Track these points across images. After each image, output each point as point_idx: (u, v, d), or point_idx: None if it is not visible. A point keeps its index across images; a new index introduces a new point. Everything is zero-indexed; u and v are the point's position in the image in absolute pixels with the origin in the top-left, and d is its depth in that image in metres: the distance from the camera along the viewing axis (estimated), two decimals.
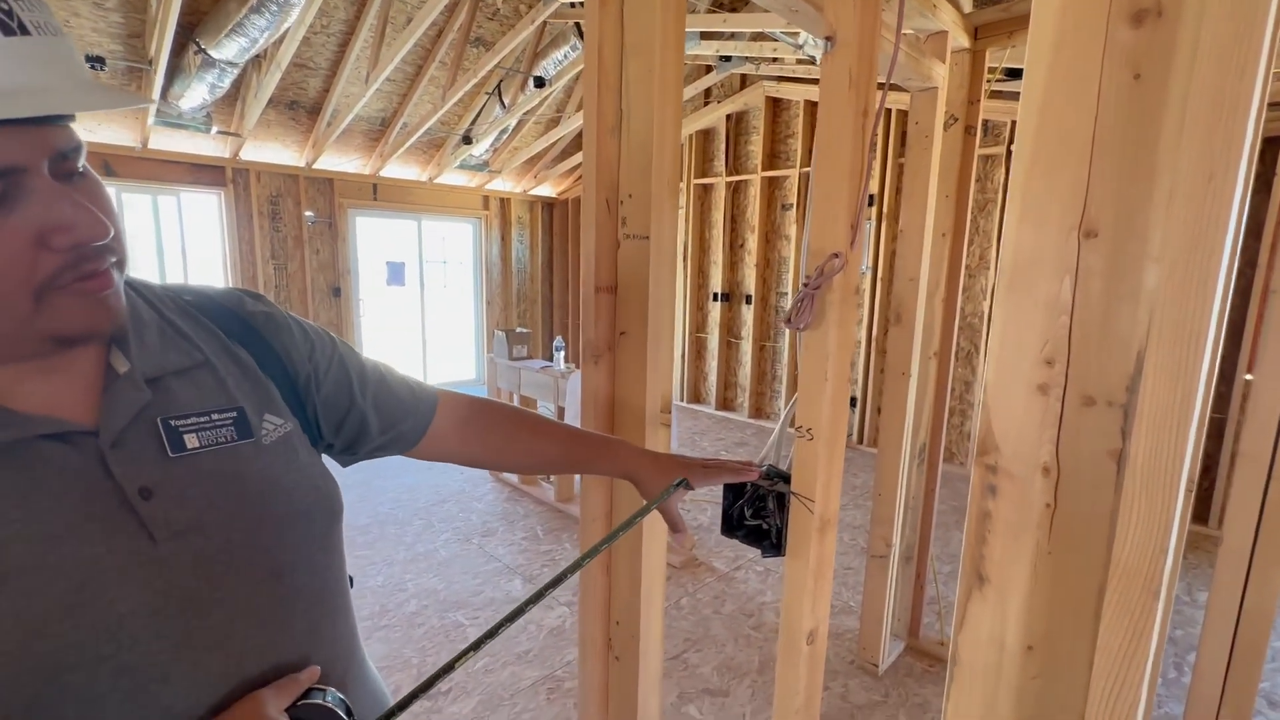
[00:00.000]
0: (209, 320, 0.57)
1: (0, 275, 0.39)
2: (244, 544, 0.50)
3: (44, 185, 0.40)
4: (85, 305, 0.43)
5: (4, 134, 0.37)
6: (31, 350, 0.44)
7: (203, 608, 0.47)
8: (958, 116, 1.94)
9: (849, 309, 0.73)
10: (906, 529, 2.19)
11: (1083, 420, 0.55)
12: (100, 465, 0.45)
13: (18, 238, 0.39)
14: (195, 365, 0.53)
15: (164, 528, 0.46)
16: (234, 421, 0.52)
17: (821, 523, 0.76)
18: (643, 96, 0.94)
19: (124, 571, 0.43)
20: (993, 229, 4.08)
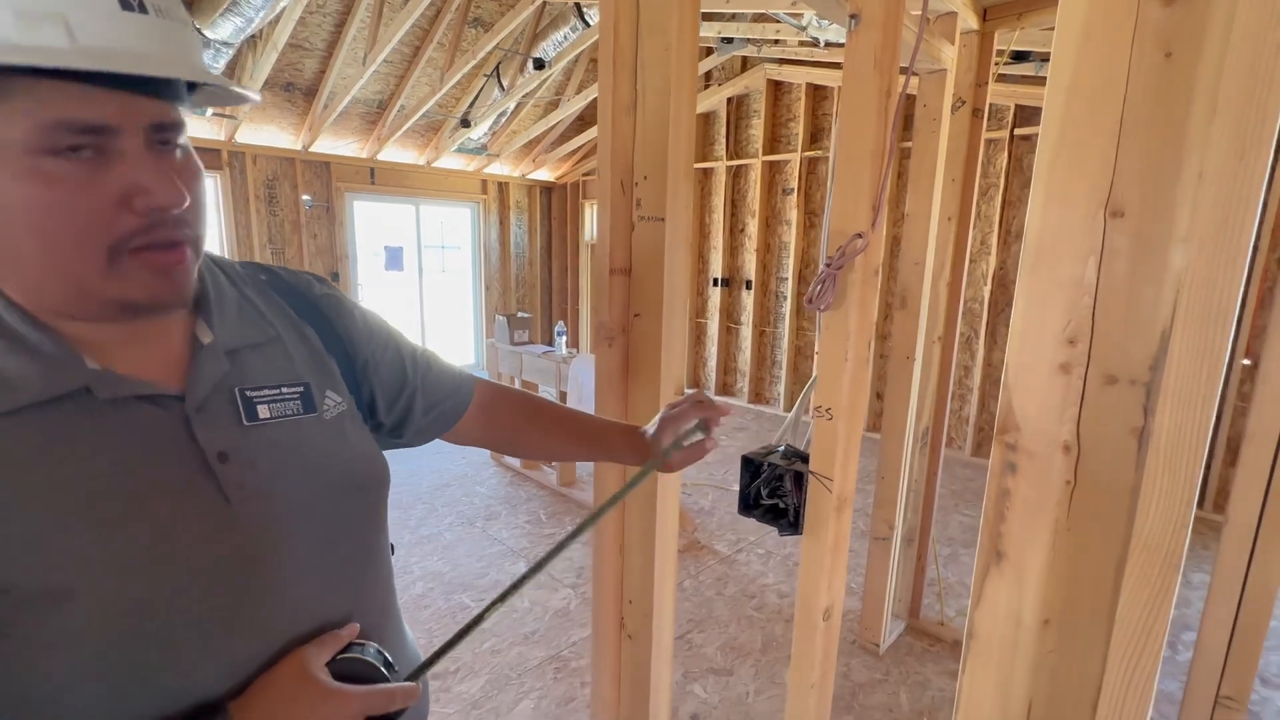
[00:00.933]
0: (280, 299, 0.61)
1: (81, 226, 0.42)
2: (304, 510, 0.53)
3: (134, 149, 0.42)
4: (153, 276, 0.45)
5: (105, 95, 0.40)
6: (98, 312, 0.46)
7: (265, 567, 0.50)
8: (965, 99, 1.93)
9: (869, 290, 0.73)
10: (908, 511, 2.21)
11: (1104, 398, 0.56)
12: (185, 428, 0.48)
13: (103, 193, 0.42)
14: (268, 341, 0.56)
15: (237, 490, 0.49)
16: (300, 396, 0.56)
17: (839, 501, 0.77)
18: (659, 76, 0.93)
19: (200, 530, 0.46)
20: (994, 214, 4.07)
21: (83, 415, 0.44)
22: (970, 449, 4.35)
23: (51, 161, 0.40)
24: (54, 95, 0.39)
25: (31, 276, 0.43)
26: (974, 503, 3.60)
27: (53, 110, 0.39)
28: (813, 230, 5.13)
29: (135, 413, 0.46)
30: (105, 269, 0.43)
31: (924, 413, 2.13)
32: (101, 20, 0.39)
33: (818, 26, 3.41)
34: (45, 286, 0.44)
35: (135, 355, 0.48)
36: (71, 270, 0.43)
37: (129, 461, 0.45)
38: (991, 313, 4.19)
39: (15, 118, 0.39)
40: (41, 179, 0.40)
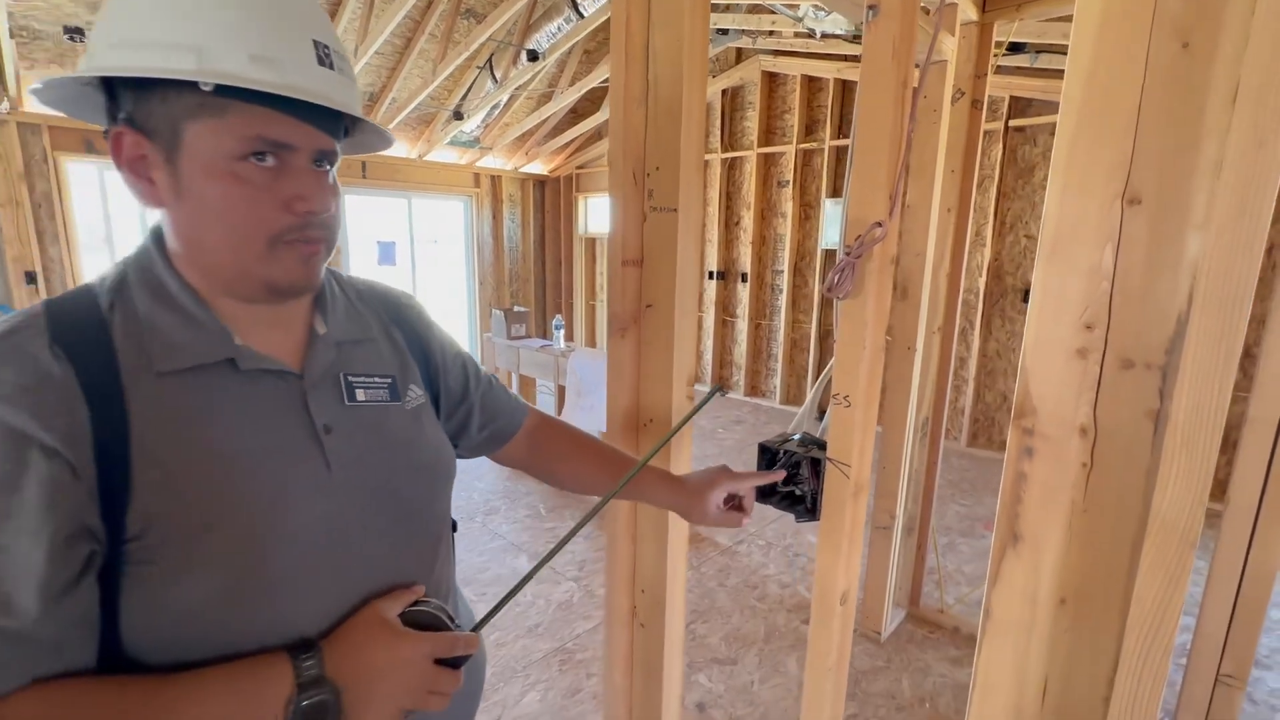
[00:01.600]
0: (377, 306, 0.72)
1: (253, 219, 0.52)
2: (387, 482, 0.62)
3: (302, 167, 0.54)
4: (297, 262, 0.56)
5: (292, 122, 0.52)
6: (251, 291, 0.56)
7: (352, 529, 0.58)
8: (964, 90, 1.95)
9: (886, 279, 0.74)
10: (909, 501, 2.24)
11: (1121, 382, 0.57)
12: (301, 401, 0.58)
13: (275, 195, 0.53)
14: (366, 338, 0.67)
15: (337, 459, 0.58)
16: (388, 386, 0.66)
17: (856, 487, 0.78)
18: (671, 68, 0.93)
19: (307, 488, 0.56)
20: (989, 206, 4.10)
21: (228, 381, 0.54)
22: (966, 440, 4.39)
23: (244, 166, 0.51)
24: (259, 116, 0.51)
25: (210, 258, 0.54)
26: (970, 493, 3.64)
27: (256, 126, 0.51)
28: (808, 223, 5.14)
29: (265, 384, 0.56)
30: (264, 254, 0.54)
31: (924, 403, 2.15)
32: (303, 68, 0.52)
33: (814, 18, 3.41)
34: (218, 267, 0.54)
35: (268, 337, 0.58)
36: (241, 252, 0.53)
37: (259, 424, 0.55)
38: (986, 304, 4.23)
39: (230, 130, 0.50)
40: (237, 179, 0.51)
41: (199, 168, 0.51)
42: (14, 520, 0.44)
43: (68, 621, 0.46)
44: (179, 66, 0.48)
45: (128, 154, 0.52)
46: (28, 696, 0.44)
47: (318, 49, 0.53)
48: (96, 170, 4.55)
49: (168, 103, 0.50)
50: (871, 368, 0.75)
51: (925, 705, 1.92)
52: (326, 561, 0.56)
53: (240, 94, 0.49)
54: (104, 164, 4.54)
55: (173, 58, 0.48)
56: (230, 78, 0.48)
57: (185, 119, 0.50)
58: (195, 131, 0.50)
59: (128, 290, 0.54)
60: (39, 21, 3.60)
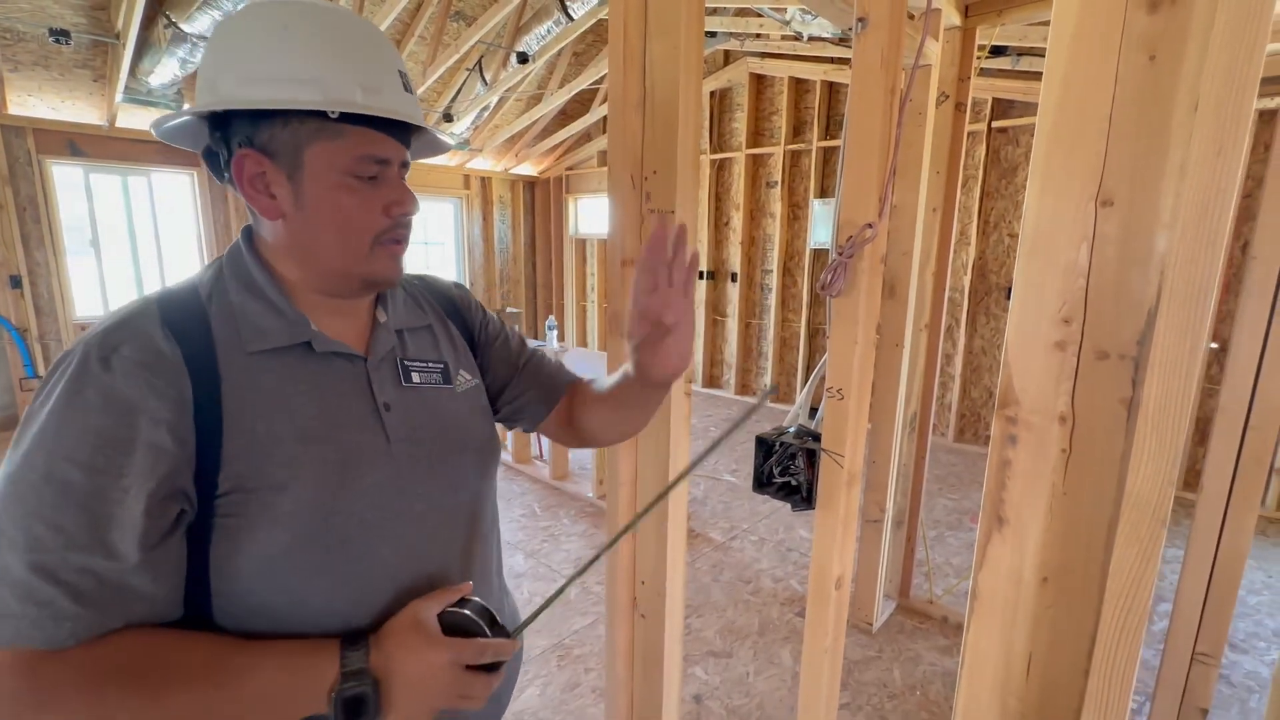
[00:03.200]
0: (431, 298, 0.80)
1: (362, 223, 0.61)
2: (438, 457, 0.68)
3: (394, 176, 0.64)
4: (391, 257, 0.65)
5: (388, 140, 0.61)
6: (353, 285, 0.65)
7: (409, 495, 0.65)
8: (949, 94, 2.00)
9: (876, 277, 0.78)
10: (898, 495, 2.29)
11: (1097, 372, 0.61)
12: (365, 381, 0.65)
13: (377, 202, 0.62)
14: (422, 327, 0.75)
15: (395, 433, 0.65)
16: (441, 371, 0.73)
17: (849, 476, 0.82)
18: (667, 75, 0.96)
19: (370, 456, 0.62)
20: (973, 205, 4.17)
21: (304, 361, 0.62)
22: (953, 435, 4.47)
23: (355, 180, 0.60)
24: (367, 137, 0.60)
25: (322, 258, 0.62)
26: (957, 487, 3.71)
27: (366, 146, 0.60)
28: (796, 223, 5.20)
29: (335, 364, 0.64)
30: (366, 253, 0.63)
31: (912, 399, 2.20)
32: (395, 95, 0.61)
33: (801, 21, 3.46)
34: (328, 265, 0.63)
35: (338, 325, 0.66)
36: (350, 252, 0.62)
37: (329, 398, 0.62)
38: (971, 302, 4.30)
39: (346, 150, 0.59)
40: (351, 191, 0.60)
41: (320, 183, 0.59)
42: (124, 479, 0.51)
43: (160, 573, 0.52)
44: (310, 98, 0.57)
45: (250, 174, 0.59)
46: (120, 639, 0.50)
47: (402, 78, 0.63)
48: (82, 173, 4.50)
49: (290, 128, 0.58)
50: (864, 362, 0.78)
51: (916, 693, 1.97)
52: (383, 521, 0.62)
53: (353, 119, 0.58)
54: (90, 166, 4.49)
55: (303, 91, 0.56)
56: (352, 106, 0.57)
57: (308, 142, 0.58)
58: (316, 152, 0.59)
59: (223, 283, 0.62)
60: (23, 24, 3.57)
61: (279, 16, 0.58)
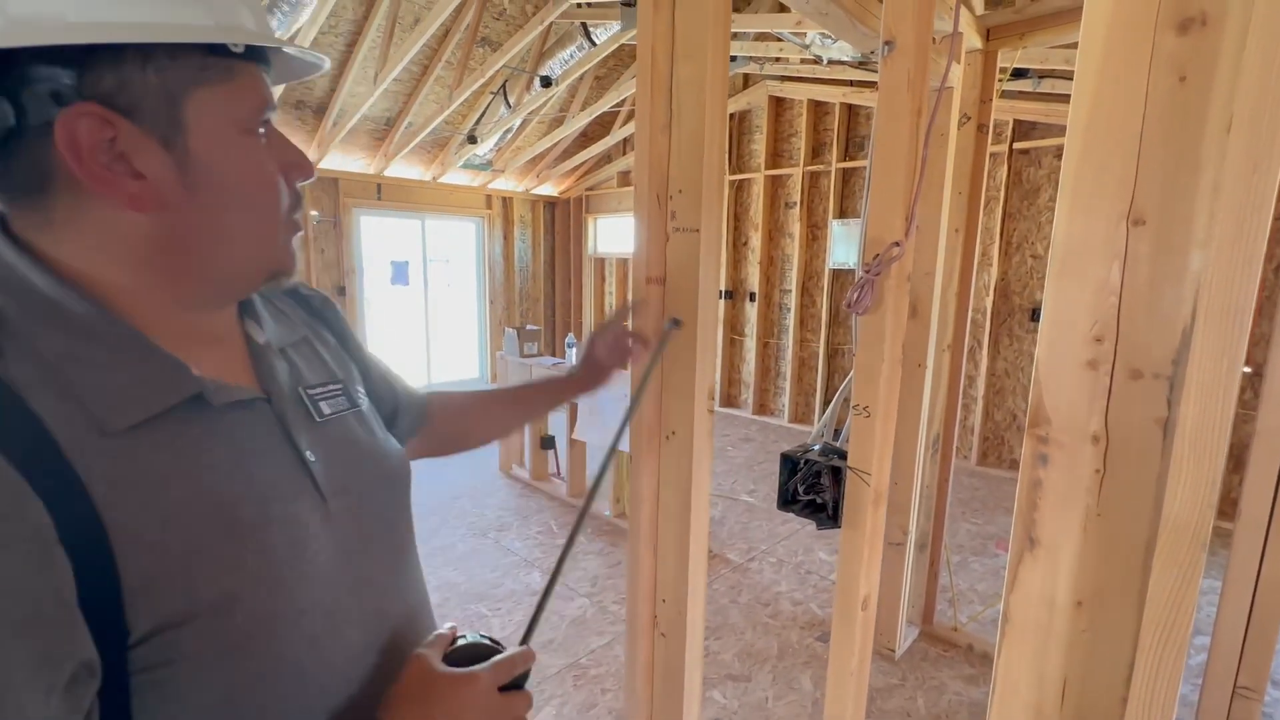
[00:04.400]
0: (293, 303, 0.62)
1: (274, 199, 0.46)
2: (370, 501, 0.54)
3: (276, 133, 0.46)
4: (291, 246, 0.49)
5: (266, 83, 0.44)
6: (246, 289, 0.49)
7: (359, 557, 0.52)
8: (970, 115, 2.00)
9: (903, 295, 0.78)
10: (921, 518, 2.25)
11: (1130, 392, 0.60)
12: (280, 429, 0.49)
13: (275, 169, 0.45)
14: (300, 340, 0.57)
15: (327, 486, 0.50)
16: (343, 392, 0.57)
17: (876, 495, 0.81)
18: (693, 98, 0.99)
19: (315, 526, 0.48)
20: (995, 226, 4.15)
21: (200, 423, 0.43)
22: (976, 458, 4.39)
23: (254, 139, 0.44)
24: (258, 79, 0.43)
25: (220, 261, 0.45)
26: (981, 511, 3.63)
27: (260, 91, 0.43)
28: (815, 243, 5.21)
29: (238, 417, 0.46)
30: (277, 238, 0.47)
31: (935, 420, 2.18)
32: (261, 19, 0.43)
33: (820, 45, 3.50)
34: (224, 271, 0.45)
35: (212, 357, 0.47)
36: (263, 241, 0.46)
37: (247, 465, 0.45)
38: (994, 323, 4.25)
39: (241, 96, 0.42)
40: (252, 154, 0.44)
41: (215, 146, 0.41)
42: None
43: None
44: (200, 21, 0.38)
45: (90, 143, 0.37)
46: None
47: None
48: None
49: (155, 68, 0.38)
50: (890, 379, 0.78)
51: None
52: (346, 600, 0.49)
53: (234, 54, 0.41)
54: None
55: (183, 11, 0.38)
56: (247, 35, 0.40)
57: (187, 89, 0.39)
58: (201, 102, 0.40)
59: (14, 333, 0.38)
60: None
61: None
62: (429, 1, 4.25)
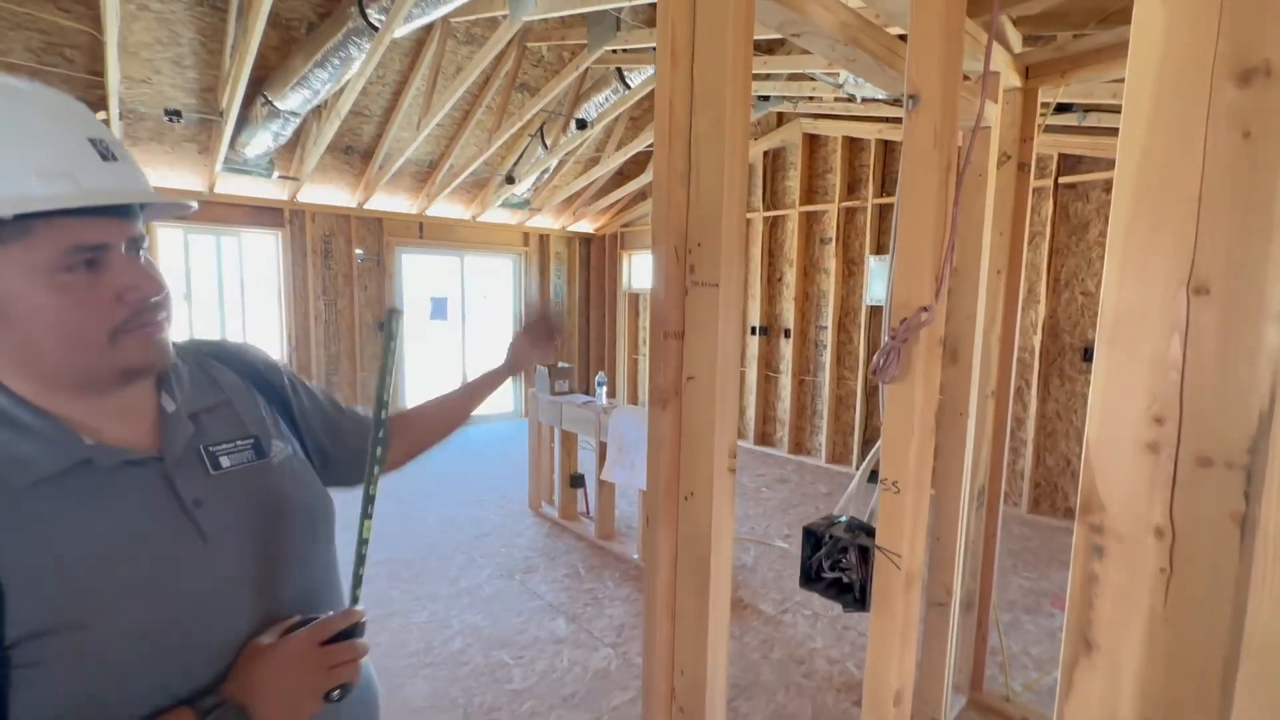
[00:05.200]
0: (224, 365, 0.75)
1: (89, 320, 0.55)
2: (265, 539, 0.65)
3: (120, 258, 0.57)
4: (143, 344, 0.58)
5: (101, 222, 0.55)
6: (107, 381, 0.58)
7: (236, 590, 0.61)
8: (1010, 154, 1.93)
9: (934, 362, 0.72)
10: (966, 575, 2.10)
11: (1199, 481, 0.53)
12: (166, 482, 0.60)
13: (105, 294, 0.55)
14: (219, 404, 0.70)
15: (212, 527, 0.61)
16: (252, 446, 0.69)
17: (908, 578, 0.74)
18: (712, 149, 0.96)
19: (188, 563, 0.58)
20: (1041, 262, 3.99)
21: (88, 482, 0.55)
22: (1027, 505, 4.14)
23: (68, 275, 0.53)
24: (67, 227, 0.52)
25: (50, 365, 0.55)
26: (1034, 564, 3.40)
27: (68, 237, 0.52)
28: (852, 279, 5.11)
29: (127, 475, 0.58)
30: (108, 349, 0.56)
31: (979, 470, 2.05)
32: (92, 170, 0.54)
33: (854, 84, 3.48)
34: (61, 371, 0.56)
35: (118, 428, 0.60)
36: (85, 352, 0.55)
37: (128, 513, 0.57)
38: (1043, 363, 4.06)
39: (39, 248, 0.52)
40: (62, 289, 0.53)
41: (17, 290, 0.51)
42: None
43: None
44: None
45: None
46: None
47: (96, 146, 0.54)
48: (182, 234, 4.95)
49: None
50: (921, 452, 0.72)
51: None
52: (214, 619, 0.59)
53: (40, 213, 0.50)
54: (189, 228, 4.94)
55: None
56: (25, 201, 0.49)
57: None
58: (2, 258, 0.51)
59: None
60: (144, 105, 4.02)
61: None
62: (470, 51, 4.42)
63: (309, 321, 5.48)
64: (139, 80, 3.86)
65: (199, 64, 3.90)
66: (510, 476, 4.77)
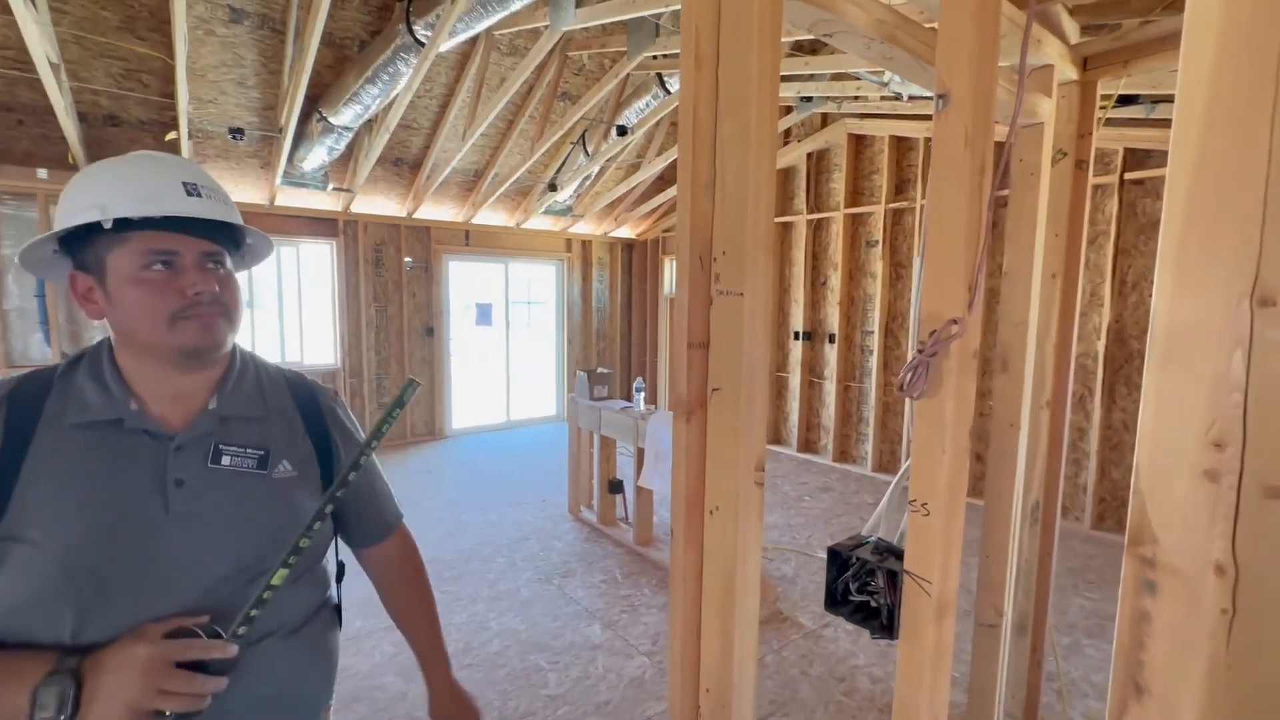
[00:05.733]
0: (291, 394, 0.88)
1: (159, 305, 0.71)
2: (226, 535, 0.74)
3: (190, 266, 0.74)
4: (195, 329, 0.73)
5: (173, 236, 0.73)
6: (169, 358, 0.74)
7: (178, 564, 0.70)
8: (1066, 151, 1.82)
9: (967, 376, 0.68)
10: (1019, 595, 1.99)
11: (1267, 514, 0.48)
12: (162, 458, 0.72)
13: (171, 287, 0.72)
14: (256, 417, 0.82)
15: (179, 506, 0.72)
16: (259, 458, 0.79)
17: (940, 606, 0.69)
18: (737, 155, 0.94)
19: (145, 525, 0.70)
20: (1105, 263, 3.76)
21: (111, 436, 0.71)
22: (1090, 520, 3.90)
23: (146, 273, 0.72)
24: (149, 238, 0.71)
25: (136, 340, 0.73)
26: (1097, 584, 3.20)
27: (149, 244, 0.71)
28: (899, 282, 4.95)
29: (139, 440, 0.72)
30: (169, 328, 0.72)
31: (1033, 485, 1.94)
32: (175, 200, 0.72)
33: (900, 82, 3.37)
34: (143, 345, 0.73)
35: (164, 407, 0.76)
36: (154, 331, 0.72)
37: (121, 470, 0.71)
38: (1108, 370, 3.82)
39: (131, 252, 0.71)
40: (145, 283, 0.71)
41: (119, 282, 0.71)
42: None
43: None
44: (87, 216, 0.69)
45: (80, 289, 0.73)
46: None
47: (185, 186, 0.74)
48: None
49: (93, 245, 0.71)
50: (954, 473, 0.67)
51: None
52: (142, 584, 0.68)
53: (133, 226, 0.70)
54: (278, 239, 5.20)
55: (86, 214, 0.69)
56: (119, 213, 0.69)
57: (105, 252, 0.71)
58: (112, 258, 0.71)
59: (78, 367, 0.75)
60: (211, 124, 4.26)
61: (88, 169, 0.73)
62: (514, 62, 4.51)
63: (360, 327, 5.68)
64: (206, 101, 4.09)
65: (260, 84, 4.11)
66: (550, 481, 4.82)
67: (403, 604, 1.01)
